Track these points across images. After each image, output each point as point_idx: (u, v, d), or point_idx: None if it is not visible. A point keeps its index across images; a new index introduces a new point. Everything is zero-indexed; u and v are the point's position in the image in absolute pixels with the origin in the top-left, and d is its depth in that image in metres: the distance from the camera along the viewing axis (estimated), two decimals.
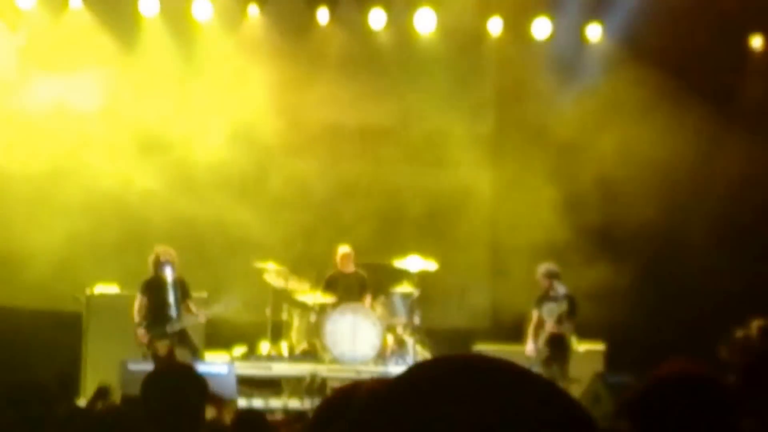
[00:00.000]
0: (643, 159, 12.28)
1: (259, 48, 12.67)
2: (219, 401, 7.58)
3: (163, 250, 10.67)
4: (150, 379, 4.38)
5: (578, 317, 11.00)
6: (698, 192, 12.37)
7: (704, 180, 12.34)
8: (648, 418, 2.64)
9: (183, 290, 10.74)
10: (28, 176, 11.85)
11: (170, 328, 10.54)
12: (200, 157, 12.30)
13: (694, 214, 12.30)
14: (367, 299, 11.95)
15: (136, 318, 10.58)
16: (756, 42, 12.47)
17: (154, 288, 10.63)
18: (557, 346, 10.82)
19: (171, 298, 10.58)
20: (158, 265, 10.58)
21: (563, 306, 10.90)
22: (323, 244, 12.23)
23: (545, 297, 10.99)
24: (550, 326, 10.93)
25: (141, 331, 10.51)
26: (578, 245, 12.02)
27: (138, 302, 10.64)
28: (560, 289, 10.91)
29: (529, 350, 10.90)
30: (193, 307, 10.74)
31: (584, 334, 11.22)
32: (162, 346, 10.49)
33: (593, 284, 11.54)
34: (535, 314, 10.94)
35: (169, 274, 10.58)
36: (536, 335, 10.92)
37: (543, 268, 11.01)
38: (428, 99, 12.98)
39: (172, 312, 10.55)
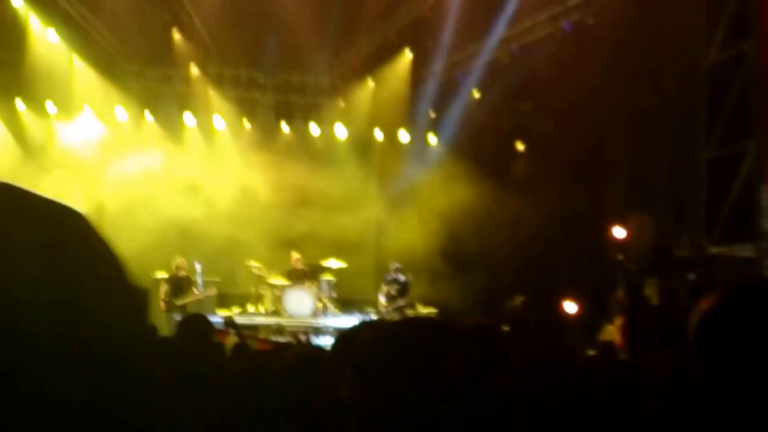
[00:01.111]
0: (465, 211, 16.93)
1: (250, 143, 18.64)
2: (224, 332, 10.38)
3: (181, 260, 16.00)
4: (179, 324, 6.08)
5: (418, 294, 16.43)
6: (491, 230, 17.34)
7: (491, 222, 17.16)
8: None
9: (189, 282, 15.76)
10: (121, 210, 16.72)
11: (194, 294, 15.77)
12: (219, 203, 17.57)
13: (497, 242, 17.02)
14: (308, 282, 16.62)
15: (162, 296, 15.31)
16: (519, 147, 19.30)
17: (173, 280, 15.70)
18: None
19: (191, 282, 15.93)
20: (178, 268, 15.87)
21: (402, 287, 16.22)
22: (286, 252, 17.23)
23: (387, 280, 16.47)
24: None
25: (163, 304, 15.31)
26: (428, 255, 17.14)
27: (162, 287, 15.51)
28: (401, 277, 16.29)
29: (381, 299, 16.44)
30: (196, 291, 15.75)
31: (427, 304, 16.33)
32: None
33: (436, 276, 17.00)
34: (384, 288, 16.54)
35: (183, 274, 15.72)
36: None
37: (393, 265, 16.56)
38: (344, 175, 18.67)
39: (197, 287, 15.96)
